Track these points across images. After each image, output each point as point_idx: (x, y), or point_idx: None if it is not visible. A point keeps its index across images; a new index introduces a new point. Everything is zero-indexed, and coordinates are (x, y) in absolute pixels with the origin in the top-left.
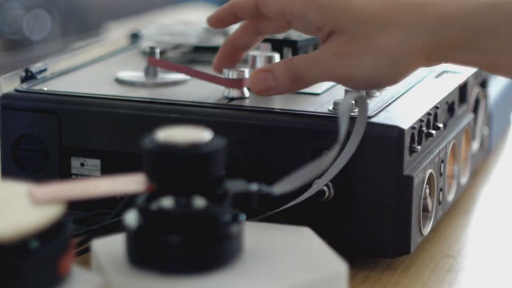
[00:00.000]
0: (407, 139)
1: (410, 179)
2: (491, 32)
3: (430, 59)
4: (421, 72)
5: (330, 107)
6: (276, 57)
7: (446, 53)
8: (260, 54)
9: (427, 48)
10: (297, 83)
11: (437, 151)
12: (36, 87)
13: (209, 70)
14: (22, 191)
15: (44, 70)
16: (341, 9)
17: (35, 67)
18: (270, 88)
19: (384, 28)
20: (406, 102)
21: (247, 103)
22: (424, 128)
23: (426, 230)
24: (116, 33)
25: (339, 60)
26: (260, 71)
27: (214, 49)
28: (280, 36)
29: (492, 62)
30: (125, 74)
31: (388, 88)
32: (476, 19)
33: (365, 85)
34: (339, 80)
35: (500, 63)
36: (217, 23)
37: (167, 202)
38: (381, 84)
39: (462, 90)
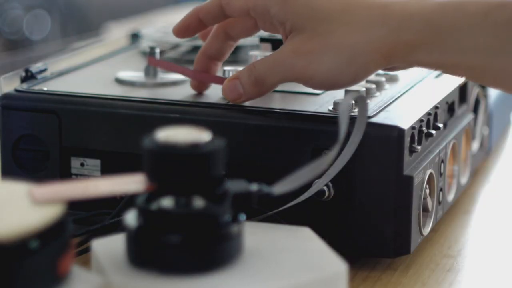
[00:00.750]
0: (407, 139)
1: (410, 179)
2: (453, 33)
3: (391, 59)
4: (421, 72)
5: (330, 107)
6: None
7: (406, 54)
8: (261, 54)
9: (386, 48)
10: (260, 87)
11: (437, 151)
12: (36, 87)
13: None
14: (22, 191)
15: (44, 70)
16: (302, 5)
17: (35, 67)
18: (240, 96)
19: (344, 26)
20: (406, 102)
21: (247, 103)
22: (424, 128)
23: (426, 230)
24: (116, 33)
25: (298, 58)
26: (230, 80)
27: None
28: (279, 36)
29: (453, 63)
30: (125, 74)
31: (388, 87)
32: (437, 19)
33: (324, 84)
34: (299, 79)
35: (462, 64)
36: (183, 31)
37: (167, 202)
38: (340, 84)
39: (462, 90)
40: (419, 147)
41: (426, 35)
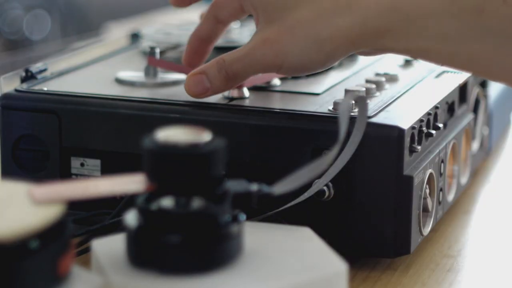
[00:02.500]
0: (407, 139)
1: (410, 179)
2: (420, 19)
3: (359, 45)
4: (421, 72)
5: (330, 107)
6: None
7: (374, 40)
8: None
9: (353, 35)
10: (232, 81)
11: (437, 151)
12: (36, 87)
13: None
14: (22, 191)
15: (44, 70)
16: None
17: (35, 67)
18: (207, 90)
19: (311, 15)
20: (406, 102)
21: (247, 103)
22: (424, 128)
23: (426, 230)
24: (116, 33)
25: (267, 49)
26: (194, 74)
27: (214, 49)
28: None
29: (422, 49)
30: (125, 74)
31: (388, 87)
32: (404, 6)
33: (296, 70)
34: (269, 69)
35: (431, 50)
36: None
37: (167, 202)
38: (310, 69)
39: (462, 90)
40: (419, 147)
41: (393, 22)
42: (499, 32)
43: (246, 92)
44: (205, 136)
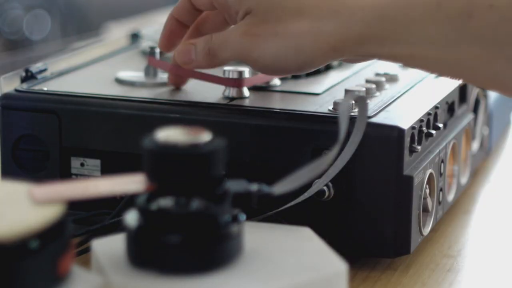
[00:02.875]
0: (407, 139)
1: (410, 179)
2: (405, 25)
3: (341, 52)
4: (421, 72)
5: (330, 107)
6: None
7: (357, 46)
8: None
9: (335, 41)
10: (212, 59)
11: (437, 151)
12: (36, 87)
13: (209, 70)
14: (22, 191)
15: (44, 70)
16: None
17: (35, 67)
18: (191, 61)
19: (295, 15)
20: (406, 102)
21: (247, 103)
22: (424, 128)
23: (426, 230)
24: (116, 33)
25: (246, 40)
26: (186, 43)
27: None
28: None
29: (407, 54)
30: (125, 74)
31: (388, 87)
32: (389, 11)
33: (269, 69)
34: (245, 60)
35: (417, 55)
36: (169, 42)
37: (167, 202)
38: (286, 70)
39: (462, 90)
40: (419, 147)
41: (378, 28)
42: (487, 37)
43: (246, 92)
44: (205, 136)
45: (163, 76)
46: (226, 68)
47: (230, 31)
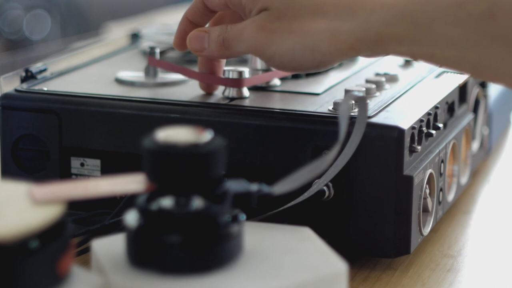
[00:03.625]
0: (407, 139)
1: (410, 179)
2: (425, 24)
3: (358, 50)
4: (421, 72)
5: (330, 107)
6: None
7: (375, 45)
8: None
9: (352, 39)
10: (225, 50)
11: (437, 151)
12: (36, 87)
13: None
14: (22, 191)
15: (44, 70)
16: None
17: (35, 67)
18: (203, 49)
19: (312, 13)
20: (406, 102)
21: (247, 103)
22: (424, 128)
23: (426, 230)
24: (116, 33)
25: (262, 35)
26: (199, 30)
27: None
28: None
29: (427, 53)
30: (125, 74)
31: (388, 87)
32: (409, 10)
33: (285, 66)
34: (260, 55)
35: (436, 54)
36: (183, 43)
37: (167, 202)
38: (302, 68)
39: (462, 90)
40: (419, 147)
41: (396, 27)
42: (511, 39)
43: (246, 92)
44: (205, 136)
45: (163, 76)
46: (226, 68)
47: (245, 24)
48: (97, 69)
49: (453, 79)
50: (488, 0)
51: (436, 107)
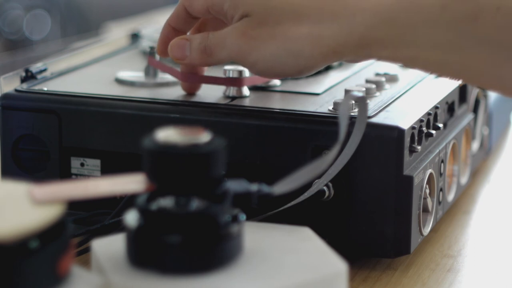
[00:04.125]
0: (407, 139)
1: (410, 179)
2: (408, 28)
3: (341, 54)
4: (421, 72)
5: (330, 107)
6: None
7: (358, 49)
8: None
9: (337, 43)
10: (207, 57)
11: (437, 151)
12: (36, 87)
13: (209, 70)
14: (22, 191)
15: (44, 70)
16: None
17: (35, 67)
18: (184, 57)
19: (295, 18)
20: (406, 102)
21: (247, 102)
22: (424, 128)
23: (426, 230)
24: (116, 33)
25: (244, 42)
26: (181, 38)
27: None
28: None
29: (410, 56)
30: (125, 74)
31: (388, 88)
32: (391, 14)
33: (268, 72)
34: (243, 62)
35: (420, 58)
36: (165, 49)
37: (167, 202)
38: (285, 74)
39: (462, 90)
40: (419, 147)
41: (379, 31)
42: (494, 41)
43: (246, 91)
44: (205, 136)
45: (163, 76)
46: (227, 67)
47: (227, 31)
48: (97, 69)
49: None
50: (471, 2)
51: (436, 107)
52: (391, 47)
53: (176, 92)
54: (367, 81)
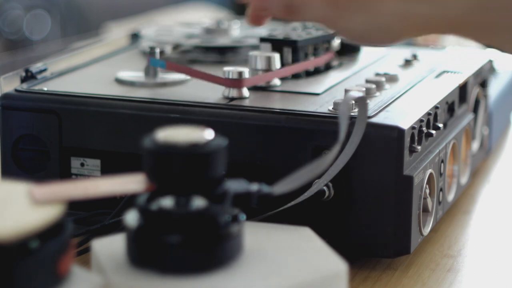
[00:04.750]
0: (407, 139)
1: (410, 179)
2: (502, 10)
3: (422, 31)
4: (421, 72)
5: (330, 107)
6: (276, 57)
7: (449, 30)
8: (260, 54)
9: (426, 23)
10: (289, 13)
11: (437, 151)
12: (36, 87)
13: (210, 70)
14: (22, 191)
15: (44, 70)
16: None
17: (35, 67)
18: (265, 8)
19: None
20: (406, 102)
21: (247, 103)
22: (424, 128)
23: (426, 230)
24: (116, 33)
25: (331, 9)
26: None
27: (214, 49)
28: (280, 36)
29: (504, 40)
30: (125, 74)
31: (388, 87)
32: None
33: (356, 41)
34: (331, 27)
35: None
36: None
37: (167, 202)
38: (372, 43)
39: (462, 90)
40: (419, 147)
41: (471, 13)
42: None
43: (246, 92)
44: (205, 136)
45: (163, 76)
46: (226, 68)
47: None
48: (97, 69)
49: (453, 79)
50: None
51: (436, 107)
52: (486, 31)
53: (176, 92)
54: (367, 81)
